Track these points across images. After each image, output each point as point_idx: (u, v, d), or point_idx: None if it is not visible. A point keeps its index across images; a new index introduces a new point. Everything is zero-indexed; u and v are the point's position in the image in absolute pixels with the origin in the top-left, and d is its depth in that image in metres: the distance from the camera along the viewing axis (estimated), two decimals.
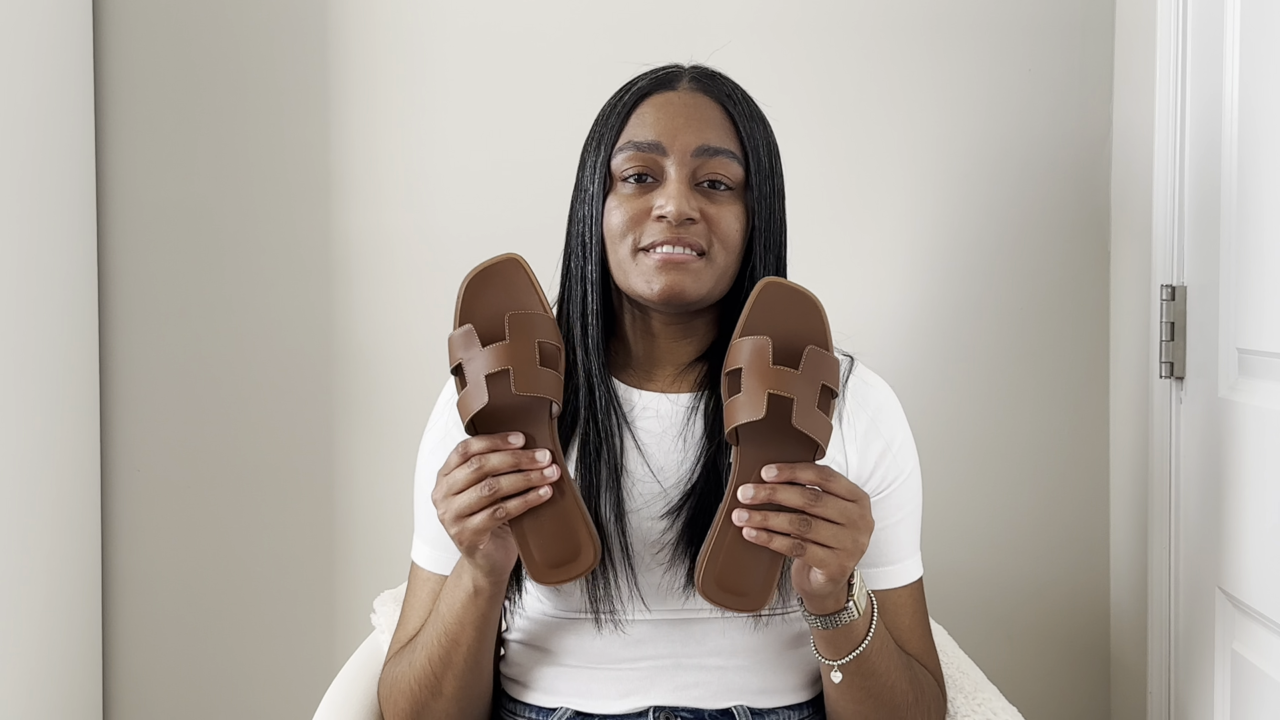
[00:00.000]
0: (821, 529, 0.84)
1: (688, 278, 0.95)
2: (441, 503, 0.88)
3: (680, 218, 0.94)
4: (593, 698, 1.00)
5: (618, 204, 0.97)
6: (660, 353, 1.03)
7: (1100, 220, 1.55)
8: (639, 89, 1.00)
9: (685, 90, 1.00)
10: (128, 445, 1.58)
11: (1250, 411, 1.11)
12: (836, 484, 0.86)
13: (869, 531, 0.87)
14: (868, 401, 1.02)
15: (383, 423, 1.57)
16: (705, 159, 0.96)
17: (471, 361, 0.88)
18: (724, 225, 0.96)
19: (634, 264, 0.97)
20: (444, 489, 0.88)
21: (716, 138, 0.97)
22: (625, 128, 0.99)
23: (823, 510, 0.84)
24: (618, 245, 0.97)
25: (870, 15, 1.54)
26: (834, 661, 0.93)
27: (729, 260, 0.98)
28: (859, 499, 0.86)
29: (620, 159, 0.98)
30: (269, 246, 1.57)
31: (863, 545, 0.86)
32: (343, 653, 1.57)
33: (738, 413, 0.85)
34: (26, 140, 1.39)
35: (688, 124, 0.97)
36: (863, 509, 0.86)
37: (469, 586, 0.93)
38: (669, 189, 0.95)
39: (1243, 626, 1.14)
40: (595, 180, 0.99)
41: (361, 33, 1.55)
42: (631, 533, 0.97)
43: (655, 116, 0.98)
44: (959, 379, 1.56)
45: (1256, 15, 1.12)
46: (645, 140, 0.97)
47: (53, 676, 1.45)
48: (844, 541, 0.85)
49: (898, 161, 1.55)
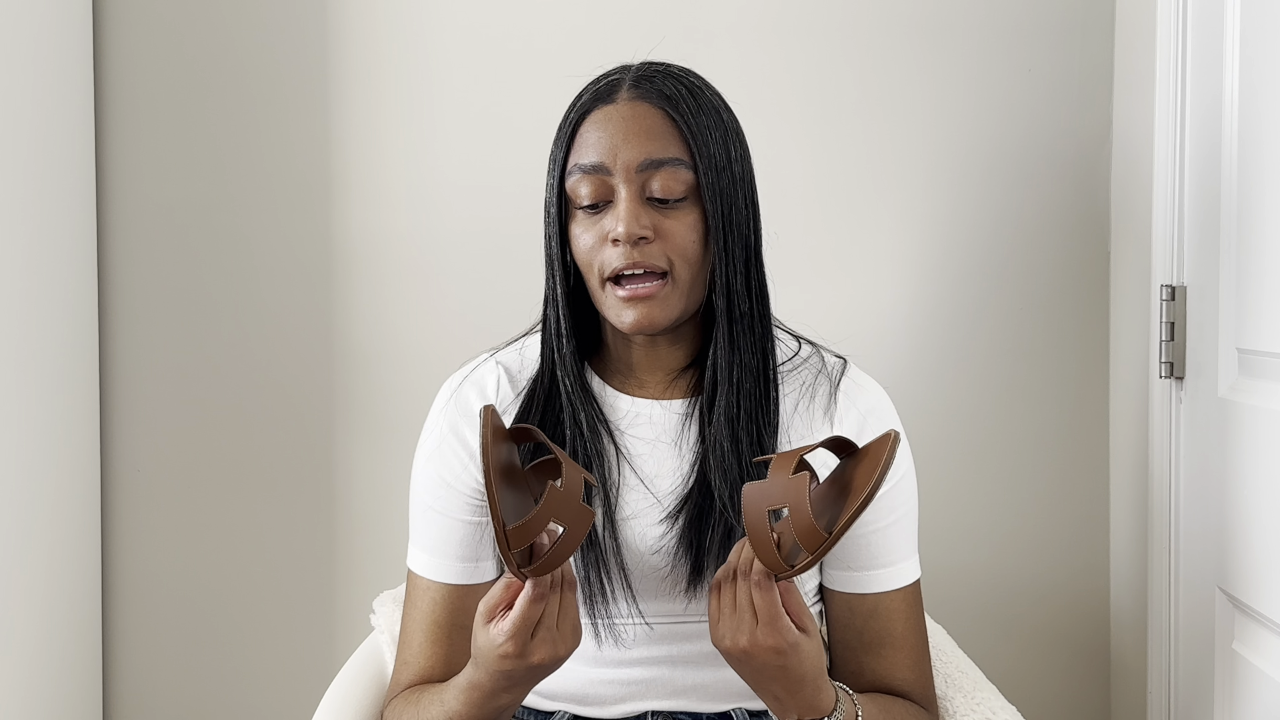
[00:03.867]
0: (733, 616, 0.84)
1: (655, 308, 0.95)
2: (540, 646, 0.84)
3: (631, 238, 0.92)
4: (590, 702, 1.00)
5: (580, 230, 0.97)
6: (648, 362, 1.03)
7: (1100, 220, 1.55)
8: (581, 105, 0.98)
9: (624, 101, 0.96)
10: (128, 445, 1.58)
11: (1250, 411, 1.11)
12: (787, 604, 0.84)
13: (768, 653, 0.83)
14: (859, 403, 1.02)
15: (382, 423, 1.57)
16: (651, 172, 0.94)
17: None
18: (679, 239, 0.94)
19: (604, 296, 0.96)
20: (525, 627, 0.83)
21: (660, 148, 0.94)
22: (571, 149, 0.97)
23: (743, 600, 0.84)
24: (589, 274, 0.97)
25: (869, 15, 1.54)
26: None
27: (693, 273, 0.96)
28: (776, 627, 0.83)
29: (571, 182, 0.96)
30: (269, 246, 1.57)
31: (740, 646, 0.84)
32: (343, 653, 1.57)
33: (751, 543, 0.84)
34: (26, 140, 1.39)
35: (627, 140, 0.94)
36: (773, 631, 0.83)
37: (503, 703, 0.90)
38: (619, 209, 0.94)
39: (1243, 626, 1.14)
40: (555, 201, 0.99)
41: (361, 33, 1.55)
42: (625, 540, 0.97)
43: (596, 136, 0.96)
44: (960, 379, 1.56)
45: (1256, 15, 1.12)
46: (589, 163, 0.95)
47: (53, 676, 1.45)
48: (730, 625, 0.84)
49: (897, 162, 1.55)
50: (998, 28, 1.54)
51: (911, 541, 1.03)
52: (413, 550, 1.04)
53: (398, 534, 1.52)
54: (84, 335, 1.52)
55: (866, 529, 1.00)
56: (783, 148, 1.54)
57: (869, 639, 1.00)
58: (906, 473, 1.02)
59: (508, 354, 1.06)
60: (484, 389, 1.03)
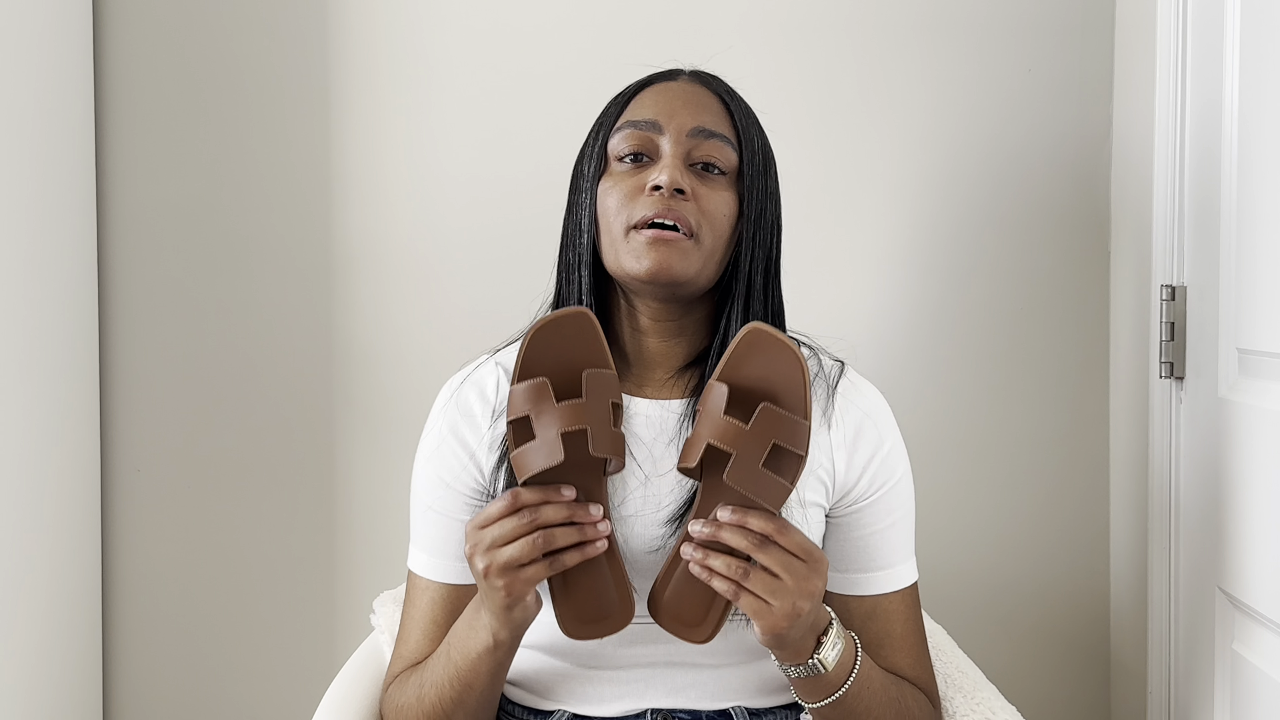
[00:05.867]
0: (758, 579, 0.83)
1: (675, 255, 0.95)
2: (483, 554, 0.85)
3: (673, 185, 0.95)
4: (589, 701, 1.00)
5: (612, 184, 0.98)
6: (652, 354, 1.03)
7: (1100, 220, 1.55)
8: (639, 81, 1.04)
9: (685, 81, 1.02)
10: (128, 446, 1.58)
11: (1250, 411, 1.11)
12: (788, 538, 0.84)
13: (811, 597, 0.84)
14: (856, 406, 1.02)
15: (383, 423, 1.57)
16: (700, 140, 0.98)
17: (543, 415, 0.85)
18: (713, 206, 0.97)
19: (625, 242, 0.97)
20: (486, 540, 0.85)
21: (712, 121, 0.99)
22: (624, 112, 1.01)
23: (765, 559, 0.83)
24: (612, 223, 0.98)
25: (869, 15, 1.54)
26: (807, 703, 0.93)
27: (716, 244, 0.98)
28: (811, 558, 0.85)
29: (617, 139, 0.99)
30: (269, 246, 1.57)
31: (800, 609, 0.84)
32: (343, 653, 1.57)
33: (681, 456, 0.87)
34: (27, 140, 1.39)
35: (684, 106, 0.99)
36: (811, 570, 0.84)
37: (487, 640, 0.91)
38: (663, 162, 0.97)
39: (1243, 626, 1.14)
40: (591, 164, 1.01)
41: (362, 32, 1.55)
42: (624, 539, 0.97)
43: (654, 99, 1.00)
44: (959, 379, 1.56)
45: (1256, 15, 1.12)
46: (642, 119, 0.99)
47: (53, 676, 1.45)
48: (780, 597, 0.83)
49: (897, 162, 1.55)
50: (998, 28, 1.54)
51: (909, 544, 1.03)
52: (412, 550, 1.05)
53: (398, 534, 1.52)
54: (84, 335, 1.52)
55: (864, 531, 1.00)
56: (783, 147, 1.53)
57: (868, 640, 1.01)
58: (903, 476, 1.02)
59: (507, 354, 1.06)
60: (484, 389, 1.03)
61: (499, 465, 0.99)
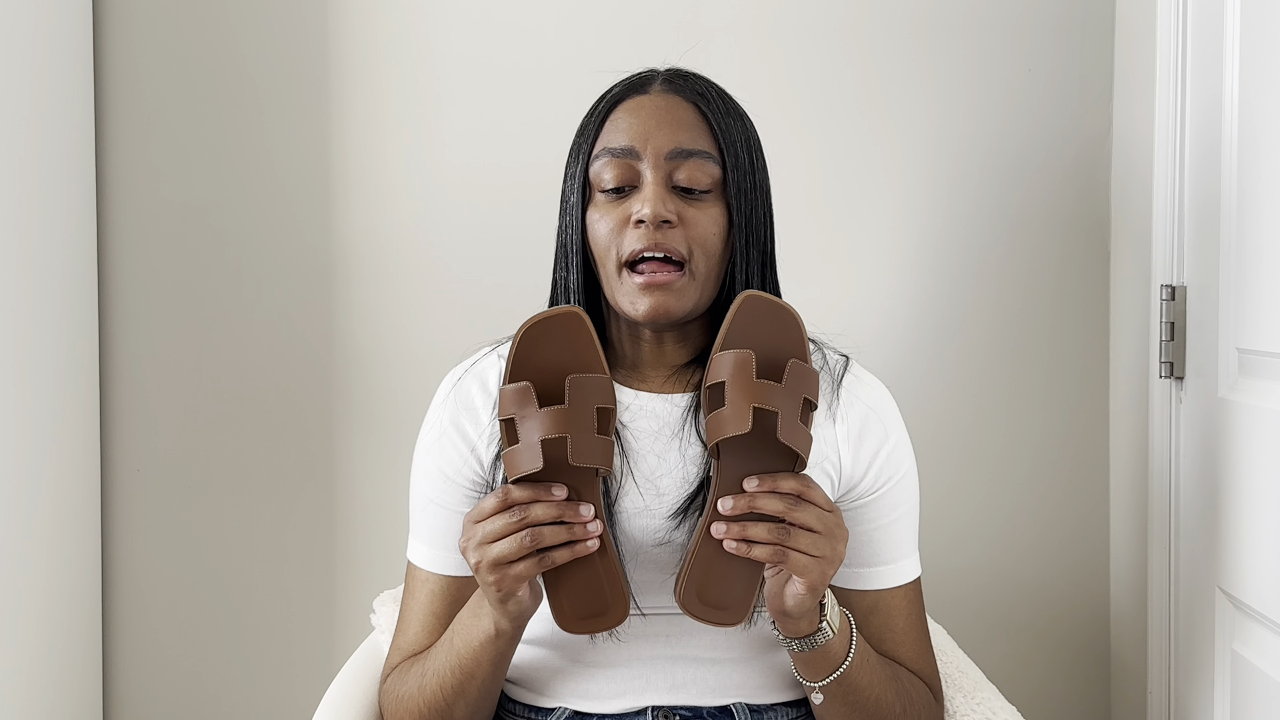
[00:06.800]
0: (801, 536, 0.85)
1: (671, 299, 0.95)
2: (475, 549, 0.86)
3: (657, 219, 0.94)
4: (590, 698, 1.00)
5: (599, 215, 0.97)
6: (652, 357, 1.03)
7: (1100, 220, 1.55)
8: (612, 96, 1.01)
9: (658, 93, 0.99)
10: (128, 446, 1.58)
11: (1250, 411, 1.11)
12: (815, 493, 0.87)
13: (845, 540, 0.88)
14: (862, 401, 1.02)
15: (382, 423, 1.57)
16: (680, 161, 0.96)
17: (526, 420, 0.85)
18: (701, 229, 0.96)
19: (619, 283, 0.97)
20: (479, 536, 0.86)
21: (690, 139, 0.97)
22: (600, 135, 0.99)
23: (802, 517, 0.85)
24: (605, 259, 0.97)
25: (869, 15, 1.54)
26: (814, 683, 0.93)
27: (710, 266, 0.97)
28: (834, 509, 0.88)
29: (597, 166, 0.98)
30: (269, 246, 1.57)
31: (840, 553, 0.87)
32: (343, 653, 1.57)
33: (723, 427, 0.85)
34: (26, 140, 1.39)
35: (660, 126, 0.97)
36: (838, 519, 0.87)
37: (489, 629, 0.92)
38: (645, 192, 0.95)
39: (1243, 626, 1.14)
40: (575, 190, 1.00)
41: (362, 32, 1.55)
42: (626, 534, 0.97)
43: (628, 121, 0.98)
44: (959, 379, 1.56)
45: (1256, 15, 1.12)
46: (619, 146, 0.97)
47: (53, 676, 1.45)
48: (823, 549, 0.85)
49: (897, 162, 1.55)
50: (998, 28, 1.54)
51: (912, 540, 1.03)
52: (412, 542, 1.05)
53: (397, 534, 1.52)
54: (84, 335, 1.52)
55: (868, 525, 1.00)
56: (783, 147, 1.53)
57: (870, 634, 1.01)
58: (908, 471, 1.03)
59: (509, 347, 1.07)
60: (485, 382, 1.03)
61: (498, 458, 0.99)
